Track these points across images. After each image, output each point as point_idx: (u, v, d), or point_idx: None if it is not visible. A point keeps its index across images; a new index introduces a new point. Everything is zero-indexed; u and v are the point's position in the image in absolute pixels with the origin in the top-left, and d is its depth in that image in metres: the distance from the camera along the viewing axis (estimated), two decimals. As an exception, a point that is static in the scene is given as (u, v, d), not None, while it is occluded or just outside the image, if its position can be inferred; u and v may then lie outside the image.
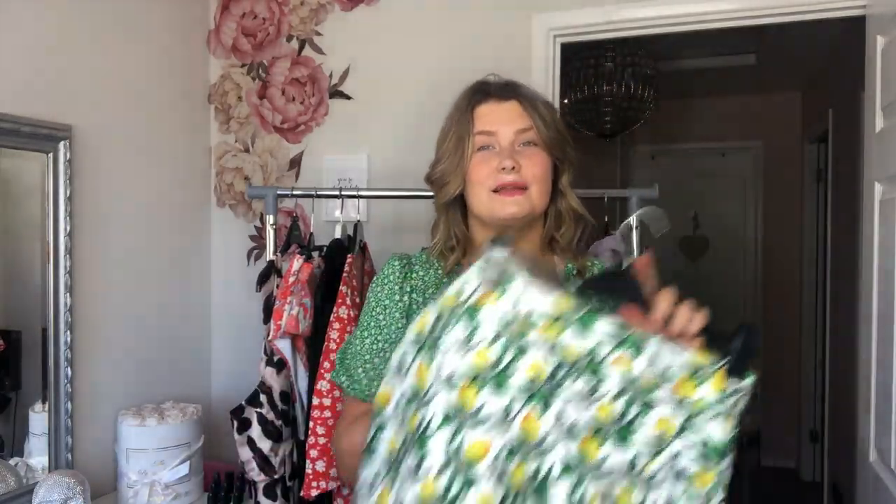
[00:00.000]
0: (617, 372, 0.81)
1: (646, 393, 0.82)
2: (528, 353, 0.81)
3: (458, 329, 0.81)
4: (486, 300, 0.81)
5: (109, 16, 1.88)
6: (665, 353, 0.82)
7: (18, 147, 1.61)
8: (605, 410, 0.82)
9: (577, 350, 0.81)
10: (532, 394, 0.81)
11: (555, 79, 2.01)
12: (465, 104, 1.10)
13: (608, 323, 0.82)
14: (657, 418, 0.82)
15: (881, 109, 1.60)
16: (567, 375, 0.81)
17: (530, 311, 0.81)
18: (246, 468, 1.56)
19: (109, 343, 1.87)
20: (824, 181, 3.87)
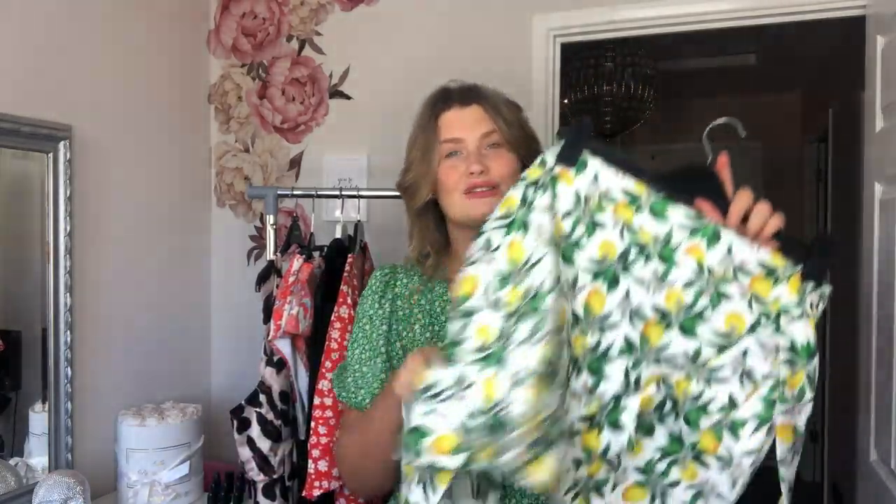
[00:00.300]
0: (690, 260, 0.82)
1: (718, 285, 0.82)
2: (599, 232, 0.84)
3: (546, 196, 0.84)
4: (563, 177, 0.85)
5: (109, 16, 1.88)
6: (741, 248, 0.82)
7: (18, 147, 1.61)
8: (674, 298, 0.83)
9: (650, 233, 0.83)
10: (600, 271, 0.84)
11: (555, 79, 2.01)
12: (429, 113, 1.12)
13: (684, 211, 0.82)
14: (728, 313, 0.82)
15: (881, 109, 1.60)
16: (637, 258, 0.83)
17: (607, 191, 0.83)
18: (245, 468, 1.56)
19: (109, 343, 1.87)
20: (824, 181, 3.87)
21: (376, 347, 1.13)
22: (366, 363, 1.13)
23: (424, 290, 1.15)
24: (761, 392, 0.81)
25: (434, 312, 1.13)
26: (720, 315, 0.82)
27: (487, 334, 0.79)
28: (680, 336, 0.83)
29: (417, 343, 1.12)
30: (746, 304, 0.81)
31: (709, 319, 0.82)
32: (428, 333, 1.11)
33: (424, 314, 1.13)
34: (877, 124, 1.62)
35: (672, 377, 0.84)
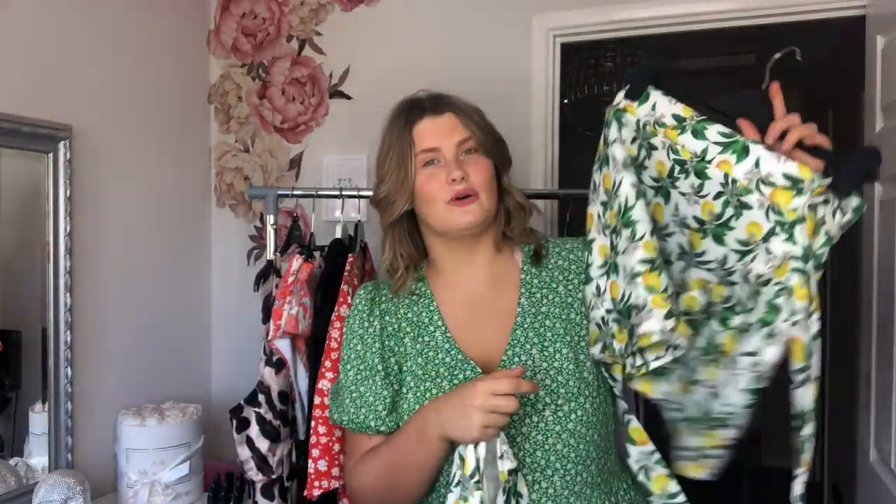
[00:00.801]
0: (719, 173, 0.91)
1: (741, 195, 0.89)
2: (654, 153, 0.97)
3: (612, 129, 1.01)
4: (628, 109, 1.00)
5: (109, 16, 1.88)
6: (769, 161, 0.88)
7: (18, 147, 1.61)
8: (707, 208, 0.93)
9: (689, 151, 0.93)
10: (659, 187, 0.99)
11: (555, 79, 2.01)
12: (402, 123, 1.12)
13: (720, 129, 0.91)
14: (748, 221, 0.90)
15: (881, 109, 1.60)
16: (680, 174, 0.95)
17: (660, 116, 0.96)
18: (245, 468, 1.56)
19: (109, 343, 1.87)
20: (824, 181, 3.86)
21: (373, 366, 1.12)
22: (363, 383, 1.12)
23: (410, 303, 1.15)
24: (767, 296, 0.89)
25: (422, 323, 1.13)
26: (742, 225, 0.90)
27: (604, 251, 1.02)
28: (713, 243, 0.94)
29: (410, 356, 1.11)
30: (764, 214, 0.88)
31: (734, 228, 0.91)
32: (419, 345, 1.11)
33: (413, 326, 1.13)
34: (877, 124, 1.62)
35: (710, 283, 0.97)
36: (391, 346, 1.13)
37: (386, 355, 1.12)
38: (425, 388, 1.07)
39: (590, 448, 1.04)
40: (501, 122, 1.19)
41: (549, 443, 1.02)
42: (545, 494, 1.02)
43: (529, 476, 1.02)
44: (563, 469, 1.03)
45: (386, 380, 1.11)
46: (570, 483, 1.03)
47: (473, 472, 0.91)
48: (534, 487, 1.02)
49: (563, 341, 1.08)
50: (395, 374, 1.12)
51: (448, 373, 1.07)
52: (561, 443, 1.02)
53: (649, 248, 0.93)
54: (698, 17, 1.89)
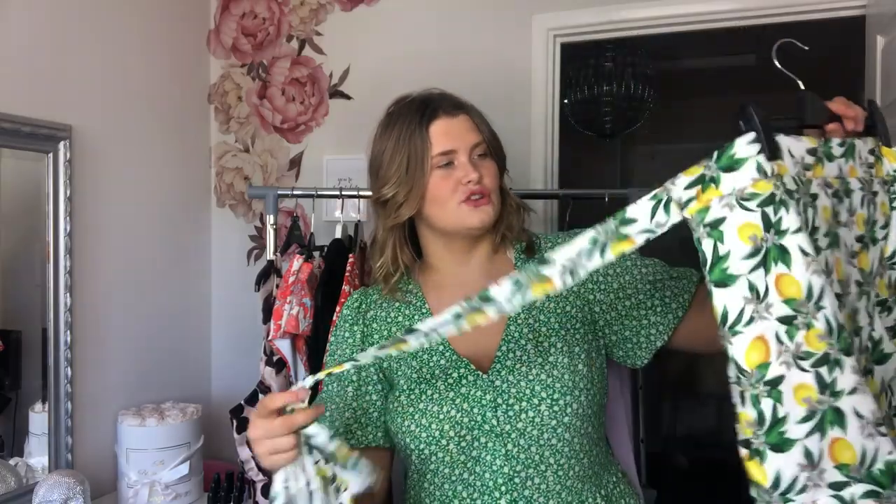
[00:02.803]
0: (855, 181, 0.86)
1: (871, 188, 0.88)
2: (818, 201, 0.78)
3: (791, 209, 0.71)
4: (782, 171, 0.74)
5: (109, 16, 1.88)
6: (861, 147, 0.88)
7: (18, 147, 1.61)
8: (861, 220, 0.86)
9: (833, 177, 0.83)
10: (832, 238, 0.78)
11: (555, 79, 2.01)
12: (417, 122, 1.09)
13: (835, 141, 0.86)
14: (880, 204, 0.89)
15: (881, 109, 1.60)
16: (839, 206, 0.82)
17: (801, 158, 0.79)
18: (245, 467, 1.56)
19: (109, 343, 1.87)
20: (824, 181, 3.86)
21: (346, 377, 1.13)
22: (337, 394, 1.13)
23: (401, 307, 1.15)
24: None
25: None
26: (878, 211, 0.88)
27: (806, 393, 0.69)
28: (873, 248, 0.88)
29: (402, 360, 1.10)
30: (885, 193, 0.89)
31: (876, 220, 0.88)
32: None
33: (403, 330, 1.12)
34: (877, 124, 1.62)
35: (874, 290, 0.87)
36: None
37: (366, 364, 1.12)
38: (420, 391, 1.07)
39: (584, 441, 1.04)
40: (501, 122, 1.19)
41: (543, 437, 1.02)
42: (537, 490, 1.02)
43: (522, 472, 1.02)
44: (557, 464, 1.03)
45: (358, 391, 1.12)
46: (562, 477, 1.03)
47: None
48: (526, 483, 1.02)
49: (558, 335, 1.07)
50: (373, 383, 1.12)
51: (442, 373, 1.07)
52: (556, 437, 1.02)
53: (874, 386, 0.77)
54: (698, 17, 1.89)
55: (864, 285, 0.85)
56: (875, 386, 0.84)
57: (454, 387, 1.05)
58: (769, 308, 0.70)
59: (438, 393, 1.05)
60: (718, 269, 0.71)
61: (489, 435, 1.02)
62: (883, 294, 0.88)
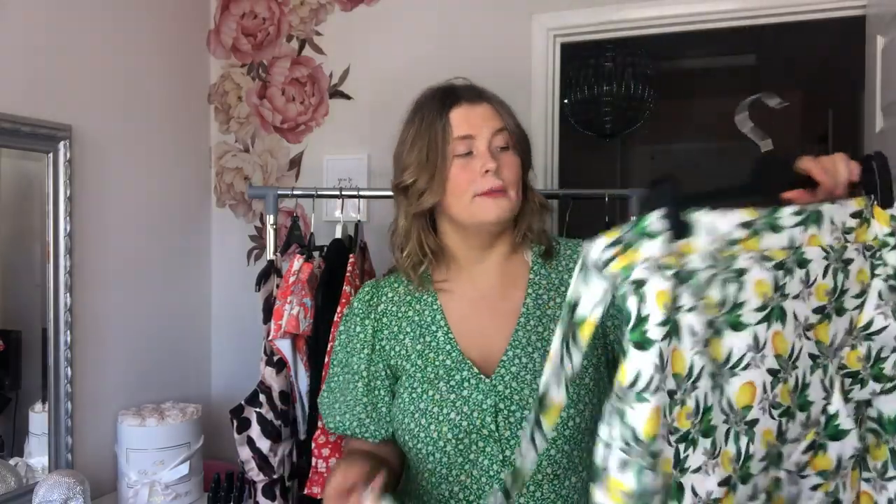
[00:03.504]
0: (815, 250, 0.82)
1: (841, 256, 0.84)
2: (747, 275, 0.78)
3: (688, 287, 0.74)
4: (685, 250, 0.75)
5: (109, 16, 1.88)
6: (838, 212, 0.84)
7: (18, 147, 1.61)
8: (822, 291, 0.83)
9: (780, 249, 0.80)
10: (769, 312, 0.79)
11: (555, 79, 2.01)
12: (437, 108, 1.09)
13: (789, 210, 0.81)
14: (855, 273, 0.84)
15: (881, 109, 1.60)
16: (785, 276, 0.80)
17: (728, 233, 0.78)
18: (245, 468, 1.56)
19: (109, 343, 1.87)
20: (824, 181, 3.87)
21: (357, 371, 1.12)
22: (346, 388, 1.13)
23: (412, 302, 1.13)
24: None
25: (424, 323, 1.11)
26: (852, 281, 0.84)
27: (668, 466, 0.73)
28: (838, 319, 0.85)
29: (409, 357, 1.10)
30: (863, 258, 0.85)
31: (848, 290, 0.84)
32: (419, 346, 1.10)
33: (414, 326, 1.11)
34: (877, 124, 1.62)
35: (845, 359, 0.86)
36: (385, 348, 1.12)
37: (374, 359, 1.12)
38: (422, 391, 1.06)
39: (583, 454, 1.03)
40: (502, 122, 1.19)
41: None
42: (532, 498, 1.01)
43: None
44: (554, 474, 1.02)
45: (368, 387, 1.11)
46: (557, 487, 1.02)
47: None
48: (521, 491, 1.01)
49: None
50: (381, 378, 1.11)
51: (446, 374, 1.06)
52: (555, 448, 1.01)
53: (727, 463, 0.76)
54: (698, 17, 1.89)
55: (820, 358, 0.83)
56: (829, 462, 0.84)
57: (456, 389, 1.04)
58: (665, 380, 0.71)
59: (440, 394, 1.05)
60: (639, 331, 0.70)
61: (487, 440, 1.02)
62: (853, 367, 0.85)
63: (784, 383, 0.80)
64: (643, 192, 0.82)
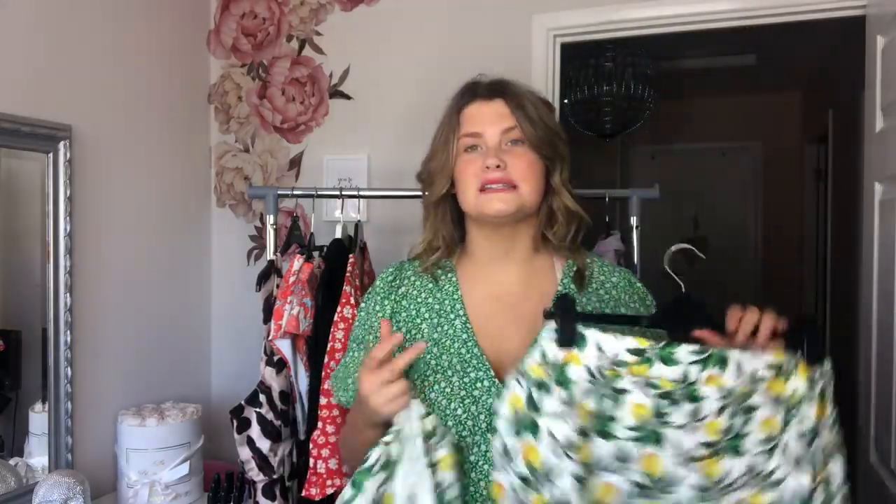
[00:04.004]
0: (712, 390, 0.86)
1: (743, 401, 0.86)
2: (626, 397, 0.86)
3: (554, 396, 0.86)
4: (570, 359, 0.87)
5: (109, 16, 1.88)
6: (748, 360, 0.87)
7: (18, 147, 1.61)
8: (713, 428, 0.86)
9: (670, 380, 0.86)
10: (645, 434, 0.86)
11: (555, 79, 2.01)
12: (453, 105, 1.12)
13: (688, 348, 0.87)
14: (761, 421, 0.86)
15: (881, 109, 1.60)
16: (669, 407, 0.86)
17: (615, 356, 0.86)
18: (245, 468, 1.56)
19: (109, 343, 1.87)
20: (824, 181, 3.87)
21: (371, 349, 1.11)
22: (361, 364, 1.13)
23: (433, 289, 1.13)
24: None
25: (443, 311, 1.11)
26: (756, 426, 0.86)
27: None
28: (734, 459, 0.86)
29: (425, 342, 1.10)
30: (772, 408, 0.86)
31: (749, 433, 0.86)
32: (436, 334, 1.09)
33: (433, 313, 1.11)
34: (877, 124, 1.62)
35: (746, 499, 0.87)
36: (402, 329, 1.11)
37: None
38: (434, 380, 1.06)
39: None
40: (501, 122, 1.18)
41: None
42: None
43: None
44: None
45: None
46: None
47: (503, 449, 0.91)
48: None
49: None
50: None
51: (460, 367, 1.06)
52: None
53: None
54: (698, 17, 1.89)
55: (710, 491, 0.86)
56: None
57: (467, 387, 1.04)
58: (508, 464, 0.88)
59: (451, 388, 1.04)
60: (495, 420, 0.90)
61: (491, 444, 1.01)
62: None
63: (650, 500, 0.86)
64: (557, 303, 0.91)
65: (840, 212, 3.42)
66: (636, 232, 1.79)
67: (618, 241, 1.82)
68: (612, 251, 1.77)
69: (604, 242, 1.81)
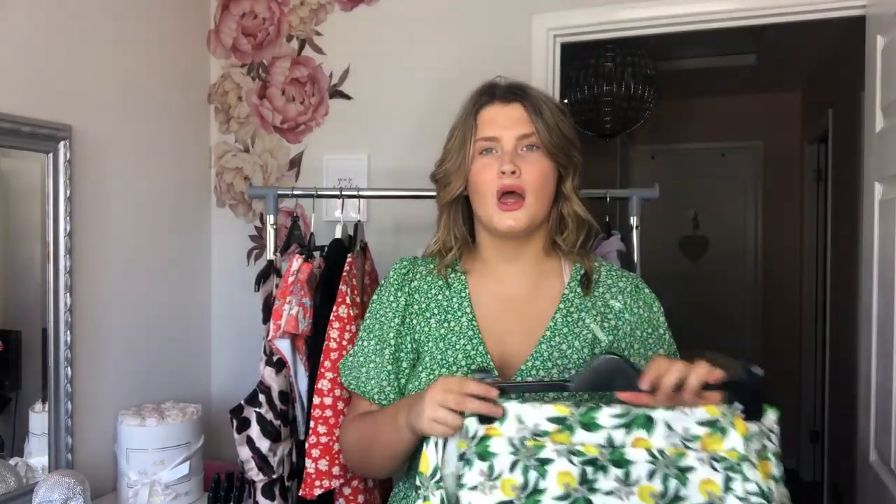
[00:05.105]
0: (640, 453, 0.84)
1: (676, 462, 0.83)
2: (550, 467, 0.84)
3: (475, 469, 0.86)
4: (491, 433, 0.86)
5: (109, 16, 1.88)
6: (678, 419, 0.83)
7: (18, 147, 1.61)
8: (646, 492, 0.83)
9: (594, 446, 0.84)
10: (573, 501, 0.84)
11: (555, 79, 2.01)
12: (471, 106, 1.11)
13: (610, 412, 0.84)
14: (699, 482, 0.83)
15: (881, 109, 1.60)
16: (596, 473, 0.84)
17: (535, 426, 0.85)
18: (245, 468, 1.56)
19: (109, 343, 1.87)
20: (824, 181, 3.87)
21: (386, 340, 1.13)
22: (375, 354, 1.13)
23: (442, 286, 1.14)
24: None
25: (451, 308, 1.12)
26: (694, 489, 0.82)
27: None
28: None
29: (432, 338, 1.11)
30: (710, 468, 0.82)
31: (687, 498, 0.83)
32: (443, 330, 1.11)
33: (441, 310, 1.13)
34: (877, 124, 1.62)
35: None
36: (413, 324, 1.13)
37: (403, 332, 1.13)
38: (439, 374, 1.07)
39: None
40: (501, 122, 1.18)
41: None
42: None
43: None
44: None
45: (394, 356, 1.12)
46: None
47: (434, 472, 0.88)
48: None
49: None
50: (406, 351, 1.12)
51: (465, 363, 1.07)
52: None
53: None
54: (698, 17, 1.89)
55: None
56: None
57: None
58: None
59: None
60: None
61: None
62: None
63: None
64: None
65: (840, 212, 3.42)
66: (636, 232, 1.79)
67: (619, 241, 1.81)
68: (615, 251, 1.77)
69: (606, 243, 1.81)
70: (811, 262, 4.21)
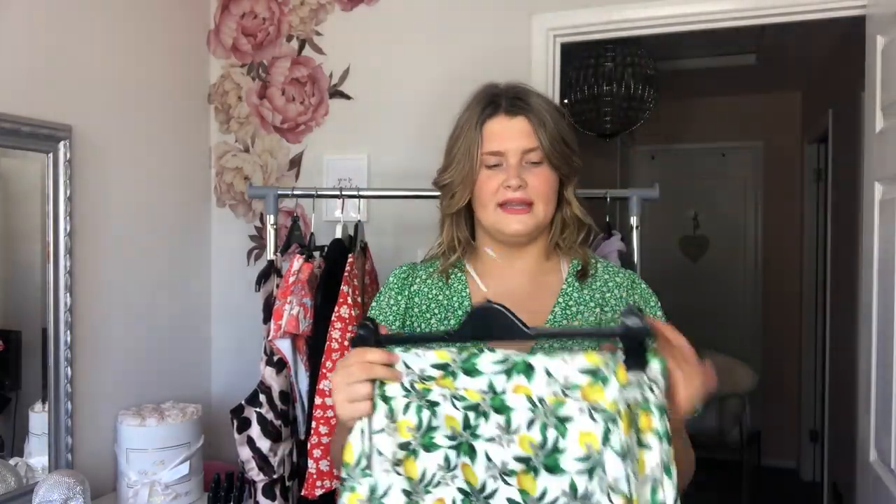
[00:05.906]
0: (520, 399, 0.82)
1: (556, 411, 0.81)
2: (438, 409, 0.86)
3: (380, 412, 0.87)
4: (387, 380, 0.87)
5: (109, 16, 1.88)
6: (558, 367, 0.81)
7: (18, 147, 1.61)
8: (526, 442, 0.82)
9: (475, 391, 0.84)
10: (458, 444, 0.85)
11: (555, 79, 2.01)
12: (476, 118, 1.11)
13: (491, 357, 0.84)
14: (577, 433, 0.80)
15: (881, 109, 1.60)
16: (478, 419, 0.84)
17: (421, 371, 0.86)
18: (245, 468, 1.56)
19: (109, 343, 1.87)
20: (824, 181, 3.87)
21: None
22: None
23: (442, 287, 1.16)
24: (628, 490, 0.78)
25: (451, 307, 1.14)
26: (573, 442, 0.80)
27: None
28: (550, 477, 0.81)
29: (428, 326, 1.13)
30: (589, 418, 0.79)
31: (565, 450, 0.80)
32: (442, 327, 1.12)
33: (441, 308, 1.14)
34: (877, 124, 1.62)
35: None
36: (413, 326, 1.14)
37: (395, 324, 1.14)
38: None
39: None
40: (502, 122, 1.18)
41: None
42: None
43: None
44: None
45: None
46: None
47: (359, 459, 0.86)
48: None
49: None
50: None
51: None
52: None
53: None
54: (698, 17, 1.89)
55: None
56: None
57: None
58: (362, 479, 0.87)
59: None
60: None
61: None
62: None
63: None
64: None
65: (840, 212, 3.42)
66: (636, 232, 1.79)
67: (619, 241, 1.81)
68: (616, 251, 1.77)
69: (607, 243, 1.80)
70: (811, 262, 4.21)
